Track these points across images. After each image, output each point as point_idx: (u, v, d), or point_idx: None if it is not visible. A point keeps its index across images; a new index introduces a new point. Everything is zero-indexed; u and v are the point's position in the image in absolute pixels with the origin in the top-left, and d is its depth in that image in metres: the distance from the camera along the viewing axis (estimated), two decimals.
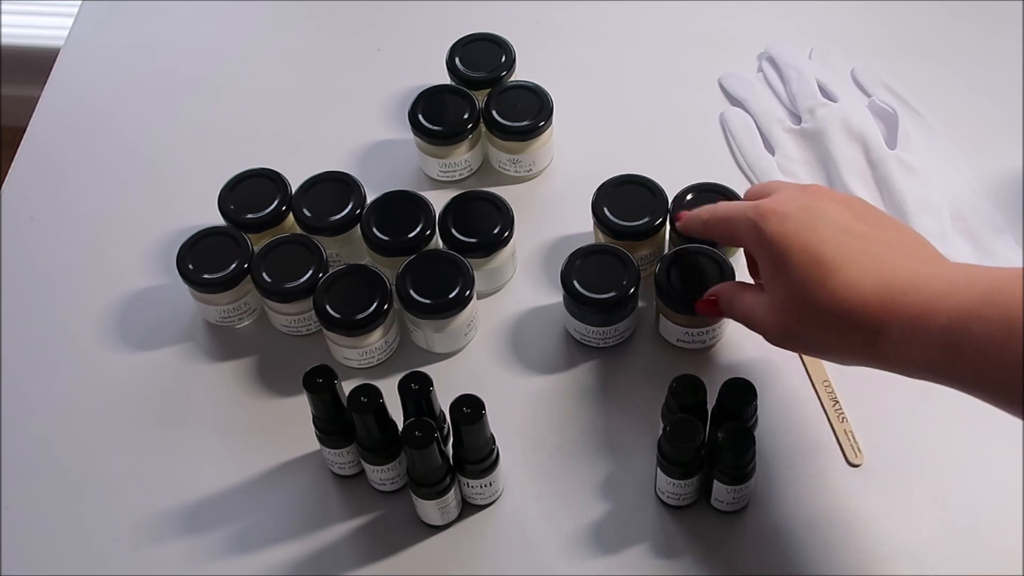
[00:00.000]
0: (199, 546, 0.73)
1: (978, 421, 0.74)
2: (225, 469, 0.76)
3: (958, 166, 0.86)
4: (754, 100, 0.91)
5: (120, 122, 0.95)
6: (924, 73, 0.92)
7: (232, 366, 0.80)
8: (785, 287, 0.63)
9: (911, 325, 0.58)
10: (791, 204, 0.65)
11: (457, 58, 0.89)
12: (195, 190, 0.87)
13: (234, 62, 0.98)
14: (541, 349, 0.80)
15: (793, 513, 0.72)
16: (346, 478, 0.75)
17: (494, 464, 0.71)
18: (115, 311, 0.83)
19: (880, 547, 0.70)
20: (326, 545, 0.72)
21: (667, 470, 0.69)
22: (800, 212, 0.64)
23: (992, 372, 0.56)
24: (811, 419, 0.76)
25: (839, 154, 0.86)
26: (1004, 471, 0.72)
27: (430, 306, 0.76)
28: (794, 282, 0.62)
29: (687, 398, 0.70)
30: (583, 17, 0.99)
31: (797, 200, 0.65)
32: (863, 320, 0.60)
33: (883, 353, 0.60)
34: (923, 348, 0.58)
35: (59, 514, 0.75)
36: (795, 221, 0.63)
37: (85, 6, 1.03)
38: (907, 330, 0.58)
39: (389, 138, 0.92)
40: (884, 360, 0.61)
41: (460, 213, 0.81)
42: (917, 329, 0.58)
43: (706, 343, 0.78)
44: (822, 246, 0.62)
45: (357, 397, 0.69)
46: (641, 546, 0.71)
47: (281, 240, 0.80)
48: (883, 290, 0.60)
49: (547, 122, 0.86)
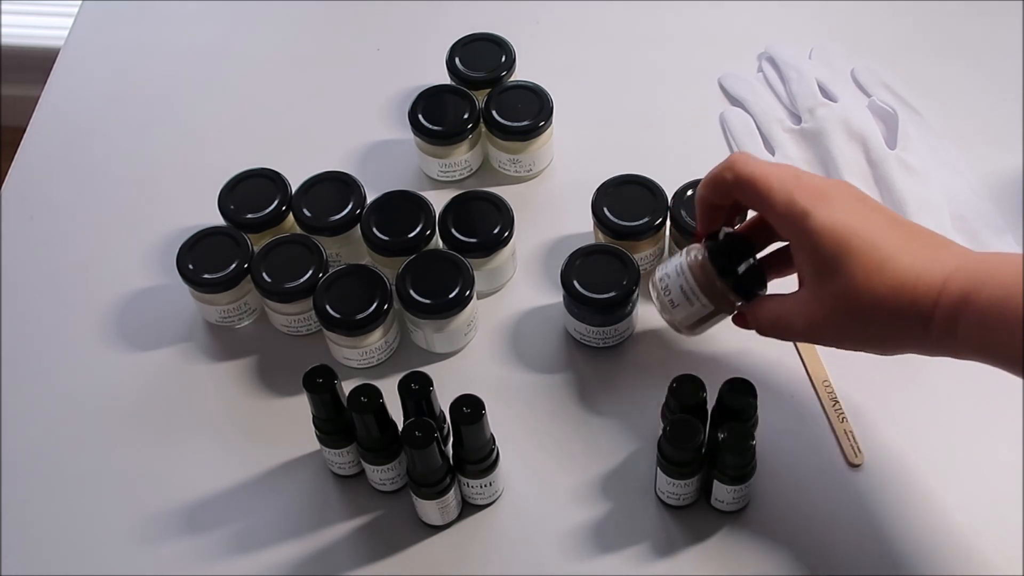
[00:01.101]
0: (199, 546, 0.73)
1: (978, 421, 0.75)
2: (225, 469, 0.76)
3: (958, 166, 0.86)
4: (754, 100, 0.91)
5: (120, 122, 0.95)
6: (924, 73, 0.92)
7: (232, 366, 0.80)
8: (834, 274, 0.61)
9: (960, 302, 0.58)
10: (830, 185, 0.63)
11: (457, 58, 0.89)
12: (195, 190, 0.87)
13: (234, 62, 0.98)
14: (541, 349, 0.80)
15: (793, 513, 0.72)
16: (346, 478, 0.75)
17: (494, 464, 0.71)
18: (115, 311, 0.83)
19: (880, 547, 0.70)
20: (326, 545, 0.72)
21: (667, 470, 0.69)
22: (843, 197, 0.63)
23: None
24: (811, 419, 0.76)
25: (839, 154, 0.86)
26: (1004, 471, 0.72)
27: (430, 306, 0.76)
28: (845, 268, 0.61)
29: (687, 398, 0.70)
30: (583, 17, 0.99)
31: (834, 184, 0.64)
32: (922, 301, 0.59)
33: (933, 333, 0.60)
34: (972, 324, 0.58)
35: (59, 514, 0.75)
36: (842, 204, 0.62)
37: (85, 6, 1.03)
38: (957, 307, 0.58)
39: (389, 138, 0.92)
40: (934, 340, 0.60)
41: (460, 213, 0.81)
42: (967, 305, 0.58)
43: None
44: (881, 234, 0.61)
45: (357, 397, 0.69)
46: (641, 546, 0.71)
47: (281, 240, 0.80)
48: (937, 270, 0.59)
49: (547, 122, 0.86)
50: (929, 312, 0.60)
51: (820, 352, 0.78)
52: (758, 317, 0.69)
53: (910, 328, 0.61)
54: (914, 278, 0.60)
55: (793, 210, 0.63)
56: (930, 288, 0.60)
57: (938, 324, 0.60)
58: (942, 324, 0.60)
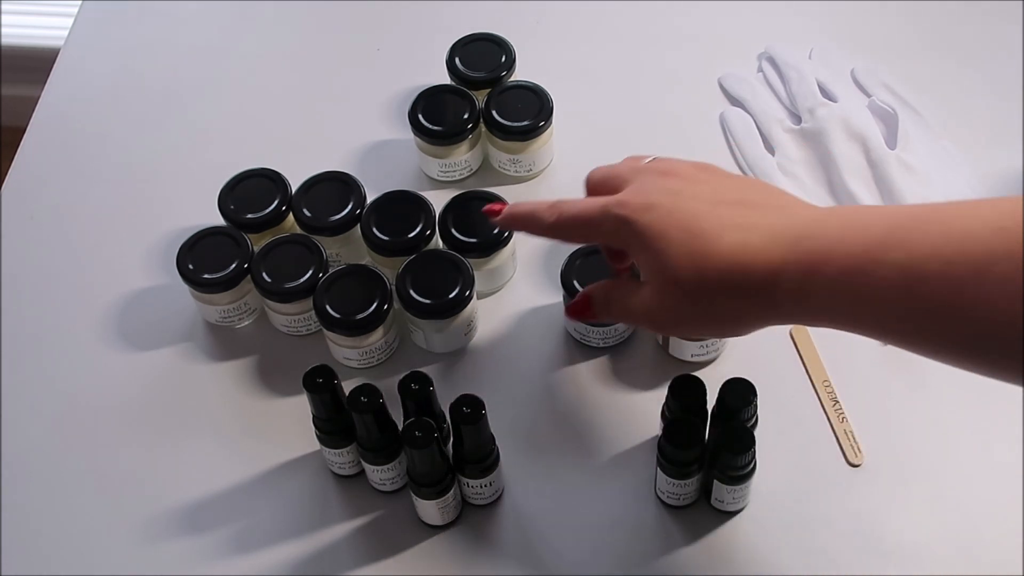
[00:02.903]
0: (199, 546, 0.73)
1: (978, 421, 0.75)
2: (225, 469, 0.76)
3: (958, 166, 0.86)
4: (754, 100, 0.91)
5: (120, 122, 0.95)
6: (924, 73, 0.92)
7: (232, 366, 0.80)
8: (670, 270, 0.61)
9: (808, 272, 0.57)
10: (651, 192, 0.63)
11: (457, 58, 0.89)
12: (195, 190, 0.87)
13: (234, 62, 0.98)
14: (541, 349, 0.80)
15: (793, 513, 0.72)
16: (346, 478, 0.75)
17: (494, 464, 0.71)
18: (115, 311, 0.83)
19: (880, 547, 0.70)
20: (326, 545, 0.72)
21: (667, 470, 0.69)
22: (664, 196, 0.62)
23: (893, 316, 0.55)
24: (811, 419, 0.76)
25: (839, 154, 0.86)
26: (1004, 471, 0.72)
27: (430, 306, 0.76)
28: (678, 262, 0.60)
29: (687, 398, 0.70)
30: (583, 17, 0.99)
31: (655, 184, 0.64)
32: (758, 276, 0.59)
33: (782, 306, 0.59)
34: (822, 295, 0.57)
35: (59, 514, 0.75)
36: (662, 205, 0.62)
37: (85, 6, 1.03)
38: (804, 278, 0.57)
39: (389, 138, 0.92)
40: (784, 314, 0.60)
41: (460, 213, 0.81)
42: (815, 275, 0.57)
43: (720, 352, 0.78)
44: (698, 220, 0.61)
45: (357, 397, 0.69)
46: (641, 546, 0.71)
47: (281, 240, 0.80)
48: (771, 243, 0.59)
49: (547, 122, 0.86)
50: (770, 286, 0.59)
51: (820, 352, 0.78)
52: (610, 304, 0.68)
53: (751, 305, 0.60)
54: (745, 256, 0.59)
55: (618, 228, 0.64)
56: (768, 262, 0.58)
57: (784, 296, 0.58)
58: (789, 296, 0.58)
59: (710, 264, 0.60)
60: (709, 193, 0.63)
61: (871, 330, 0.58)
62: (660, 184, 0.64)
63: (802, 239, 0.58)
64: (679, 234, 0.61)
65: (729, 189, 0.63)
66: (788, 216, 0.60)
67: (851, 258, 0.56)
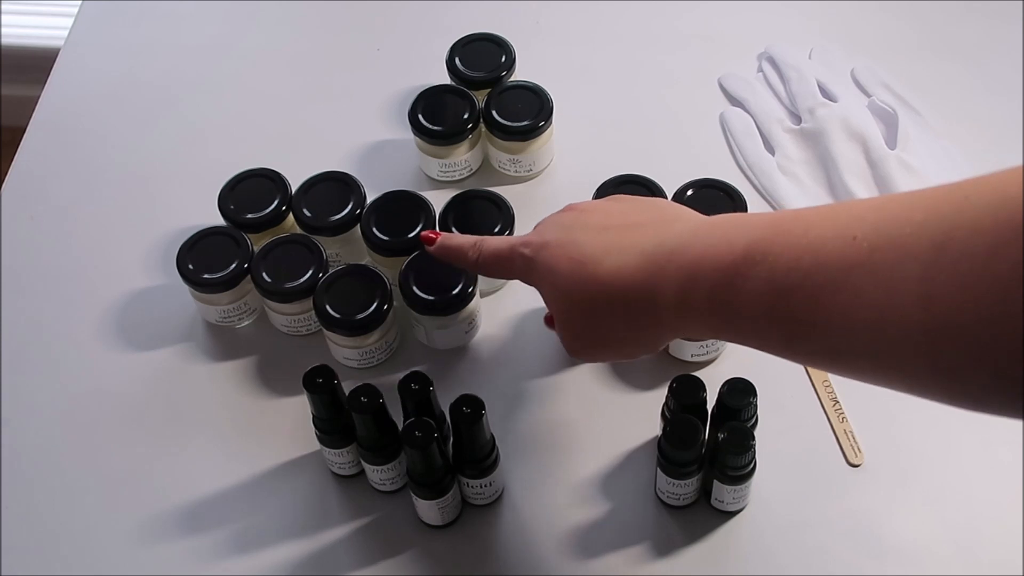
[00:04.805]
0: (199, 546, 0.73)
1: (978, 421, 0.74)
2: (225, 469, 0.76)
3: (958, 166, 0.86)
4: (754, 100, 0.91)
5: (120, 122, 0.95)
6: (924, 73, 0.92)
7: (232, 366, 0.81)
8: (563, 299, 0.64)
9: (682, 288, 0.58)
10: (549, 229, 0.66)
11: (457, 58, 0.89)
12: (195, 190, 0.87)
13: (234, 62, 0.98)
14: (541, 349, 0.80)
15: (793, 513, 0.72)
16: (346, 478, 0.75)
17: (494, 464, 0.71)
18: (115, 311, 0.83)
19: (880, 547, 0.70)
20: (326, 545, 0.72)
21: (667, 470, 0.69)
22: (557, 231, 0.65)
23: (767, 331, 0.55)
24: (811, 419, 0.76)
25: (839, 154, 0.86)
26: (1004, 471, 0.72)
27: (432, 302, 0.76)
28: (567, 291, 0.63)
29: (687, 398, 0.70)
30: (583, 17, 0.99)
31: (554, 223, 0.67)
32: (636, 294, 0.60)
33: (668, 321, 0.60)
34: (701, 308, 0.58)
35: (59, 514, 0.75)
36: (555, 241, 0.65)
37: (85, 6, 1.03)
38: (681, 293, 0.58)
39: (389, 138, 0.92)
40: (675, 328, 0.61)
41: (460, 212, 0.81)
42: (690, 290, 0.58)
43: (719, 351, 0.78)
44: (581, 248, 0.63)
45: (357, 397, 0.69)
46: (641, 546, 0.71)
47: (281, 240, 0.80)
48: (648, 261, 0.60)
49: (547, 122, 0.86)
50: (649, 303, 0.60)
51: None
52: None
53: (642, 322, 0.61)
54: (622, 276, 0.60)
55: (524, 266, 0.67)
56: (645, 280, 0.60)
57: (666, 312, 0.59)
58: (671, 311, 0.59)
59: (595, 287, 0.62)
60: (598, 220, 0.65)
61: (756, 344, 0.57)
62: (556, 220, 0.67)
63: (673, 255, 0.59)
64: (567, 264, 0.63)
65: (621, 214, 0.65)
66: (665, 234, 0.61)
67: (719, 272, 0.56)
